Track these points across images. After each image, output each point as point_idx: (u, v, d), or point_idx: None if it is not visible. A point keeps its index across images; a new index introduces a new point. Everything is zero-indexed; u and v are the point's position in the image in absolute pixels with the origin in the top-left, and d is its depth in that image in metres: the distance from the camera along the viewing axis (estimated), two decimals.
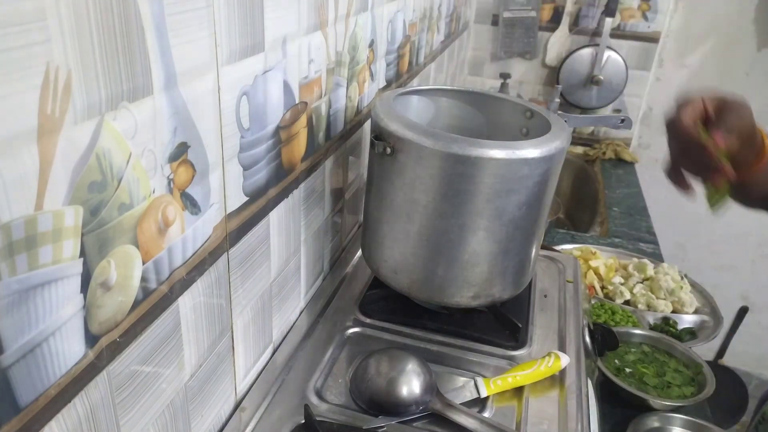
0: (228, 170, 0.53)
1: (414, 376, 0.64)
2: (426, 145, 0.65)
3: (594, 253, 1.26)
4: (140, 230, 0.42)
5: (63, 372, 0.37)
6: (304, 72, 0.65)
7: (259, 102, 0.57)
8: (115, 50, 0.36)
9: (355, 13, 0.78)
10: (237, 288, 0.60)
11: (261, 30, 0.54)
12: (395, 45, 1.02)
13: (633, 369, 0.96)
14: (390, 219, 0.73)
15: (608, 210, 1.60)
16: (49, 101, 0.32)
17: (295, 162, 0.68)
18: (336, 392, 0.67)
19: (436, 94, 0.87)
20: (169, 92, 0.43)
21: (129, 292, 0.43)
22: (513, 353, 0.75)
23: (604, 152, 1.95)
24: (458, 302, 0.75)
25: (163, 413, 0.51)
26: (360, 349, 0.74)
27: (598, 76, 1.84)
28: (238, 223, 0.58)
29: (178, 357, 0.51)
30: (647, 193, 1.74)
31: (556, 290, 0.89)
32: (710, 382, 0.92)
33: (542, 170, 0.67)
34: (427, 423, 0.63)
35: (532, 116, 0.81)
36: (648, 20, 1.83)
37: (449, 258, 0.71)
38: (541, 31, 1.94)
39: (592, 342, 0.85)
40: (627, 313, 1.10)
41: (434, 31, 1.35)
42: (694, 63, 1.86)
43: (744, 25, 1.77)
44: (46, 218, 0.33)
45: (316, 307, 0.81)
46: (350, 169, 0.90)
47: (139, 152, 0.41)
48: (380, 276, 0.79)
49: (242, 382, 0.66)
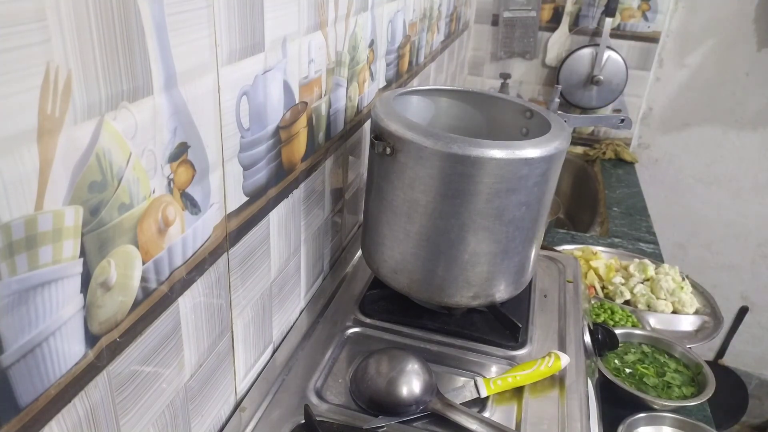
0: (228, 170, 0.53)
1: (414, 376, 0.64)
2: (426, 145, 0.65)
3: (595, 254, 1.26)
4: (140, 230, 0.42)
5: (63, 372, 0.37)
6: (304, 72, 0.65)
7: (259, 102, 0.57)
8: (115, 50, 0.36)
9: (355, 13, 0.78)
10: (237, 288, 0.60)
11: (261, 30, 0.54)
12: (395, 45, 1.02)
13: (633, 369, 0.96)
14: (390, 219, 0.73)
15: (608, 210, 1.60)
16: (49, 101, 0.32)
17: (295, 162, 0.68)
18: (336, 392, 0.67)
19: (436, 94, 0.87)
20: (169, 92, 0.43)
21: (129, 292, 0.43)
22: (513, 353, 0.75)
23: (604, 152, 1.95)
24: (458, 302, 0.75)
25: (163, 413, 0.51)
26: (360, 349, 0.74)
27: (598, 76, 1.84)
28: (238, 223, 0.58)
29: (178, 357, 0.51)
30: (647, 193, 1.74)
31: (556, 290, 0.89)
32: (710, 382, 0.92)
33: (542, 170, 0.67)
34: (427, 423, 0.63)
35: (532, 116, 0.81)
36: (648, 20, 1.83)
37: (449, 258, 0.71)
38: (541, 31, 1.94)
39: (592, 342, 0.85)
40: (627, 313, 1.10)
41: (434, 31, 1.35)
42: (694, 63, 1.85)
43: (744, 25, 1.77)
44: (46, 218, 0.33)
45: (316, 307, 0.81)
46: (350, 169, 0.90)
47: (139, 152, 0.41)
48: (380, 276, 0.79)
49: (242, 382, 0.66)
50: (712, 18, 1.79)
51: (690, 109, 1.92)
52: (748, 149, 1.89)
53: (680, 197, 2.02)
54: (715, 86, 1.86)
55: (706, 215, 2.01)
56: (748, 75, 1.80)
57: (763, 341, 2.16)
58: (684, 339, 1.09)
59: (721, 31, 1.80)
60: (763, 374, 2.20)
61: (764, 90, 1.80)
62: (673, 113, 1.94)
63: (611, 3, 1.76)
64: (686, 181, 2.00)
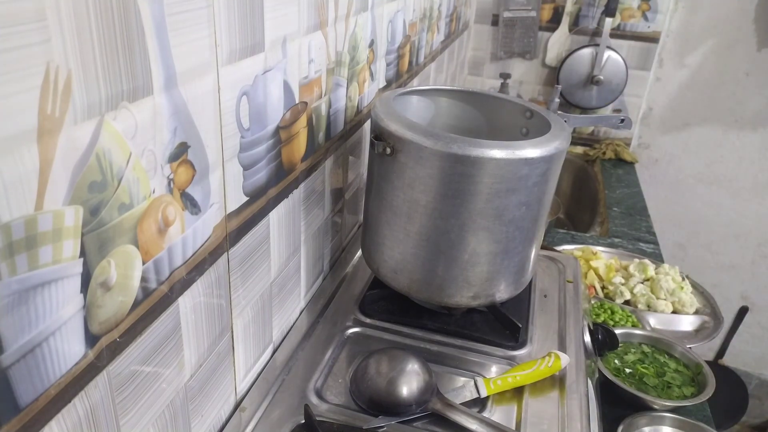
0: (228, 170, 0.53)
1: (414, 376, 0.64)
2: (426, 145, 0.65)
3: (595, 254, 1.26)
4: (140, 230, 0.42)
5: (63, 372, 0.37)
6: (304, 72, 0.65)
7: (259, 102, 0.57)
8: (115, 50, 0.36)
9: (355, 13, 0.78)
10: (237, 288, 0.60)
11: (261, 30, 0.54)
12: (395, 45, 1.02)
13: (633, 369, 0.96)
14: (390, 219, 0.73)
15: (608, 210, 1.60)
16: (49, 101, 0.32)
17: (295, 162, 0.68)
18: (336, 392, 0.67)
19: (436, 94, 0.87)
20: (169, 92, 0.43)
21: (129, 292, 0.43)
22: (513, 353, 0.75)
23: (604, 152, 1.95)
24: (458, 302, 0.75)
25: (163, 413, 0.51)
26: (360, 349, 0.74)
27: (598, 76, 1.84)
28: (238, 223, 0.58)
29: (178, 357, 0.51)
30: (647, 193, 1.74)
31: (556, 290, 0.89)
32: (710, 382, 0.92)
33: (542, 170, 0.67)
34: (427, 423, 0.63)
35: (532, 116, 0.81)
36: (648, 20, 1.83)
37: (449, 258, 0.71)
38: (541, 31, 1.94)
39: (592, 342, 0.84)
40: (627, 313, 1.10)
41: (434, 31, 1.35)
42: (694, 63, 1.85)
43: (744, 25, 1.77)
44: (46, 218, 0.33)
45: (316, 307, 0.81)
46: (350, 169, 0.90)
47: (139, 152, 0.41)
48: (380, 276, 0.79)
49: (242, 382, 0.66)
50: (712, 18, 1.79)
51: (690, 109, 1.92)
52: (748, 149, 1.89)
53: (680, 197, 2.02)
54: (715, 86, 1.86)
55: (706, 215, 2.01)
56: (748, 75, 1.80)
57: (763, 341, 2.16)
58: (684, 339, 1.09)
59: (721, 31, 1.80)
60: (763, 374, 2.20)
61: (764, 90, 1.80)
62: (673, 113, 1.94)
63: (611, 3, 1.76)
64: (686, 181, 2.00)
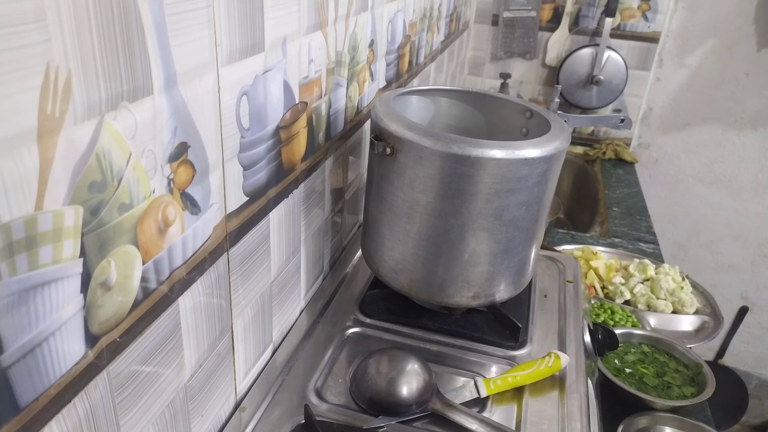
0: (228, 170, 0.53)
1: (414, 376, 0.64)
2: (426, 145, 0.65)
3: (595, 254, 1.26)
4: (140, 230, 0.42)
5: (63, 372, 0.37)
6: (304, 72, 0.65)
7: (259, 102, 0.57)
8: (115, 50, 0.36)
9: (355, 13, 0.78)
10: (237, 288, 0.60)
11: (261, 30, 0.54)
12: (395, 45, 1.02)
13: (633, 369, 0.96)
14: (390, 219, 0.73)
15: (608, 210, 1.60)
16: (49, 101, 0.32)
17: (295, 162, 0.68)
18: (336, 392, 0.67)
19: (436, 94, 0.87)
20: (169, 92, 0.43)
21: (129, 292, 0.43)
22: (513, 353, 0.75)
23: (604, 152, 1.95)
24: (458, 302, 0.75)
25: (163, 413, 0.51)
26: (360, 349, 0.74)
27: (598, 76, 1.84)
28: (238, 223, 0.58)
29: (178, 357, 0.51)
30: (647, 193, 1.74)
31: (556, 290, 0.89)
32: (710, 382, 0.92)
33: (542, 170, 0.67)
34: (427, 423, 0.63)
35: (532, 116, 0.81)
36: (648, 20, 1.83)
37: (449, 258, 0.71)
38: (541, 31, 1.94)
39: (592, 342, 0.85)
40: (627, 313, 1.10)
41: (434, 31, 1.35)
42: (694, 63, 1.86)
43: (744, 25, 1.77)
44: (46, 218, 0.33)
45: (316, 307, 0.81)
46: (350, 169, 0.90)
47: (139, 152, 0.41)
48: (380, 276, 0.79)
49: (242, 382, 0.66)
50: (712, 18, 1.79)
51: (690, 109, 1.92)
52: (748, 149, 1.89)
53: (680, 197, 2.02)
54: (715, 86, 1.86)
55: (706, 215, 2.01)
56: (748, 75, 1.80)
57: (763, 341, 2.16)
58: (684, 339, 1.09)
59: (721, 31, 1.80)
60: (763, 374, 2.20)
61: (764, 90, 1.80)
62: (673, 113, 1.94)
63: (611, 3, 1.76)
64: (686, 181, 2.00)
